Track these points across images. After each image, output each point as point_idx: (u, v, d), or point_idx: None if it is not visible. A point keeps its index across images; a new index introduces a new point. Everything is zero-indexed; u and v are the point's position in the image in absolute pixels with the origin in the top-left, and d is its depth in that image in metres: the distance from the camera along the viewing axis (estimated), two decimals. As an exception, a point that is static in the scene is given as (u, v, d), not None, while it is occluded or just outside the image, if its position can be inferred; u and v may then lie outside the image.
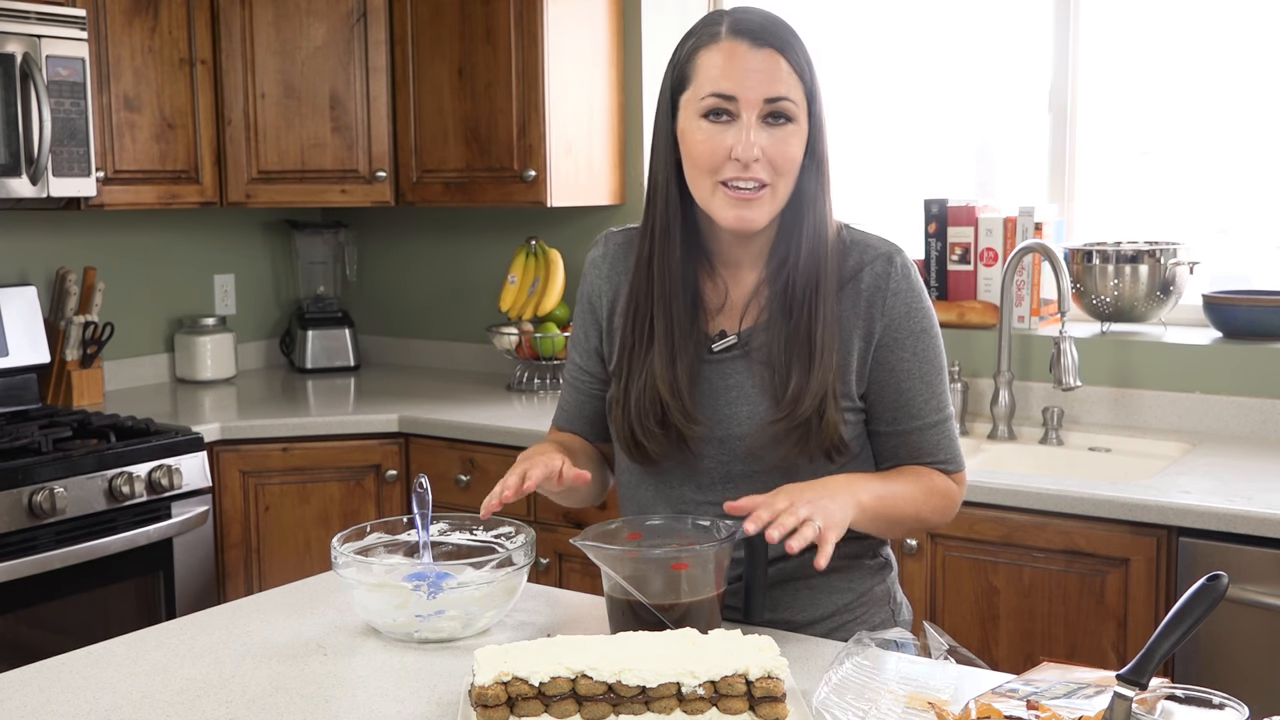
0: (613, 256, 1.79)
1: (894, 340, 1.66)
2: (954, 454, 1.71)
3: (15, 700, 1.47)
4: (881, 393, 1.67)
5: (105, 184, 3.27)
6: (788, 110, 1.58)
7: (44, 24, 3.01)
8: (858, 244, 1.68)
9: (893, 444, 1.70)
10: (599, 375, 1.81)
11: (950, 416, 1.71)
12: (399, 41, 3.59)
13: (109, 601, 2.90)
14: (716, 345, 1.69)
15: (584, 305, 1.82)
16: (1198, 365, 2.92)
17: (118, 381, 3.71)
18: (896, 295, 1.65)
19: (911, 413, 1.68)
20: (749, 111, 1.57)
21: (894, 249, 1.68)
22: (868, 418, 1.70)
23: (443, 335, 4.10)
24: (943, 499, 1.70)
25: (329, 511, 3.27)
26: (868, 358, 1.66)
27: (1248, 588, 2.25)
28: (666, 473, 1.72)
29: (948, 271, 3.22)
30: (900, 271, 1.66)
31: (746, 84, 1.57)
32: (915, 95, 3.50)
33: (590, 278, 1.81)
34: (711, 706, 1.32)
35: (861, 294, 1.65)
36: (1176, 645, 1.23)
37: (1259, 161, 3.11)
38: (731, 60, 1.58)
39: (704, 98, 1.58)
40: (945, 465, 1.71)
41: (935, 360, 1.69)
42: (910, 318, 1.66)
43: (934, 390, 1.68)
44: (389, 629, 1.63)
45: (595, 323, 1.80)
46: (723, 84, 1.57)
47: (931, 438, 1.69)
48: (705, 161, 1.59)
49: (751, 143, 1.56)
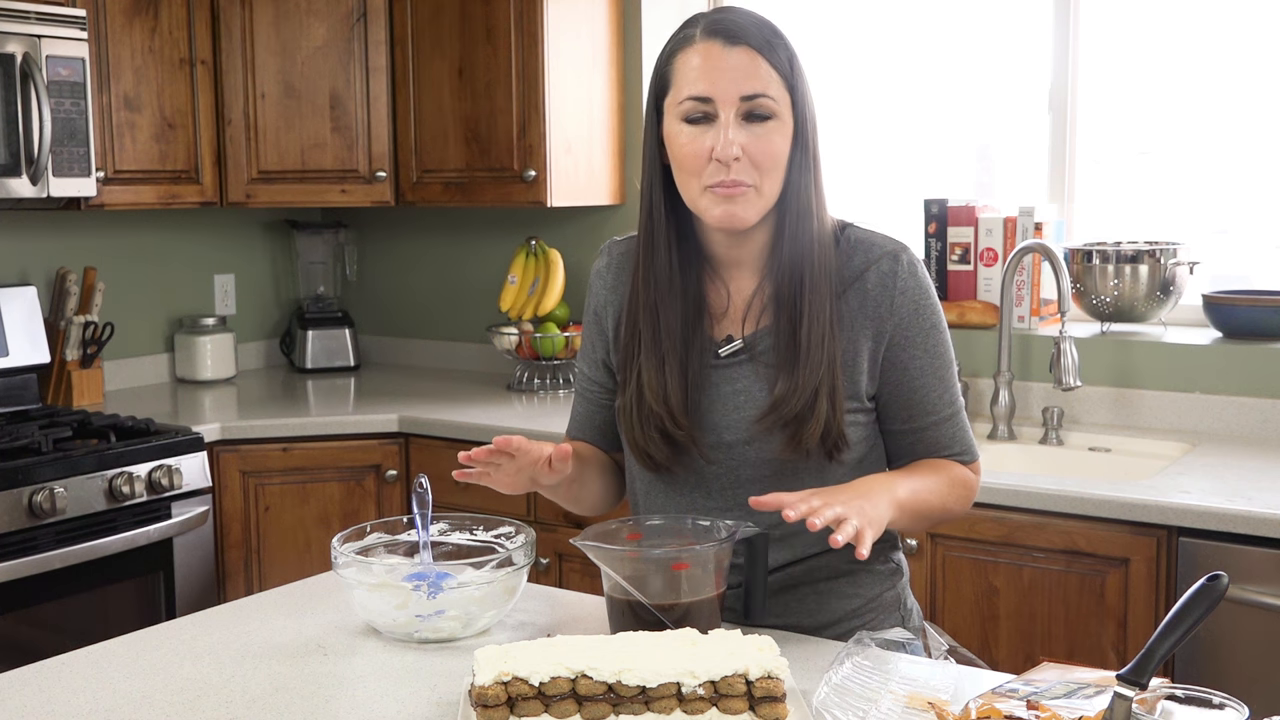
0: (616, 266, 1.78)
1: (905, 339, 1.66)
2: (969, 444, 1.72)
3: (15, 700, 1.47)
4: (895, 391, 1.67)
5: (105, 184, 3.27)
6: (767, 107, 1.57)
7: (44, 24, 3.01)
8: (862, 243, 1.67)
9: (909, 441, 1.70)
10: (607, 385, 1.81)
11: (962, 408, 1.72)
12: (399, 41, 3.59)
13: (109, 601, 2.90)
14: (723, 350, 1.68)
15: (590, 317, 1.82)
16: (1198, 365, 2.92)
17: (118, 381, 3.71)
18: (904, 294, 1.65)
19: (926, 409, 1.68)
20: (726, 110, 1.57)
21: (899, 247, 1.67)
22: (881, 417, 1.70)
23: (443, 335, 4.10)
24: (965, 489, 1.71)
25: (329, 511, 3.27)
26: (879, 358, 1.66)
27: (1248, 588, 2.25)
28: (677, 479, 1.71)
29: (948, 271, 3.22)
30: (907, 269, 1.65)
31: (722, 83, 1.56)
32: (915, 95, 3.50)
33: (595, 289, 1.81)
34: (711, 706, 1.32)
35: (869, 294, 1.65)
36: (1176, 645, 1.23)
37: (1259, 161, 3.11)
38: (706, 61, 1.57)
39: (682, 101, 1.59)
40: (962, 456, 1.71)
41: (945, 355, 1.69)
42: (920, 315, 1.66)
43: (946, 385, 1.69)
44: (389, 629, 1.63)
45: (601, 334, 1.79)
46: (699, 85, 1.57)
47: (947, 431, 1.70)
48: (689, 164, 1.59)
49: (730, 140, 1.56)
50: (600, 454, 1.84)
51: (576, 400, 1.87)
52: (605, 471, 1.83)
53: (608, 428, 1.83)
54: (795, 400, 1.60)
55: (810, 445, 1.62)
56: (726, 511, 1.68)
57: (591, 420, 1.84)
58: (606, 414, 1.82)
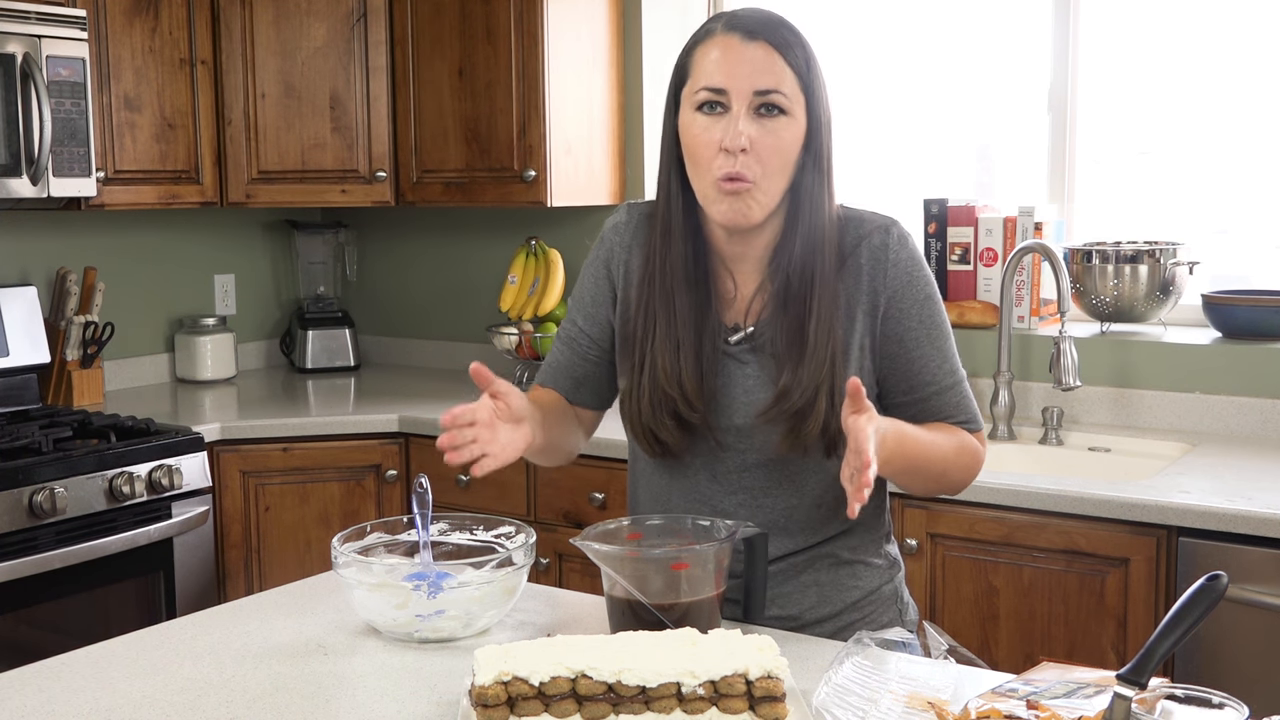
0: (635, 227, 1.78)
1: (899, 310, 1.67)
2: (973, 413, 1.72)
3: (15, 700, 1.47)
4: (894, 364, 1.68)
5: (105, 184, 3.26)
6: (779, 103, 1.59)
7: (44, 24, 3.01)
8: (853, 220, 1.70)
9: (912, 414, 1.70)
10: (600, 342, 1.79)
11: (964, 378, 1.72)
12: (399, 41, 3.59)
13: (109, 601, 2.90)
14: (732, 338, 1.70)
15: (599, 268, 1.80)
16: (1198, 365, 2.92)
17: (118, 381, 3.71)
18: (897, 265, 1.67)
19: (926, 379, 1.69)
20: (739, 103, 1.58)
21: (889, 220, 1.70)
22: (882, 392, 1.71)
23: (443, 335, 4.10)
24: (971, 457, 1.71)
25: (329, 511, 3.27)
26: (876, 332, 1.67)
27: (1248, 588, 2.25)
28: (684, 464, 1.72)
29: (948, 271, 3.22)
30: (898, 241, 1.68)
31: (737, 75, 1.58)
32: (915, 95, 3.50)
33: (610, 242, 1.79)
34: (711, 706, 1.32)
35: (863, 269, 1.67)
36: (1176, 645, 1.23)
37: (1259, 161, 3.11)
38: (725, 53, 1.60)
39: (698, 91, 1.61)
40: (968, 424, 1.71)
41: (942, 325, 1.70)
42: (913, 285, 1.67)
43: (945, 354, 1.70)
44: (389, 629, 1.63)
45: (610, 288, 1.78)
46: (715, 77, 1.59)
47: (950, 399, 1.70)
48: (699, 153, 1.61)
49: (739, 131, 1.57)
50: (565, 405, 1.81)
51: (558, 347, 1.83)
52: (568, 423, 1.80)
53: (585, 381, 1.80)
54: (798, 395, 1.62)
55: (809, 441, 1.64)
56: (732, 495, 1.70)
57: (570, 370, 1.81)
58: (589, 368, 1.80)
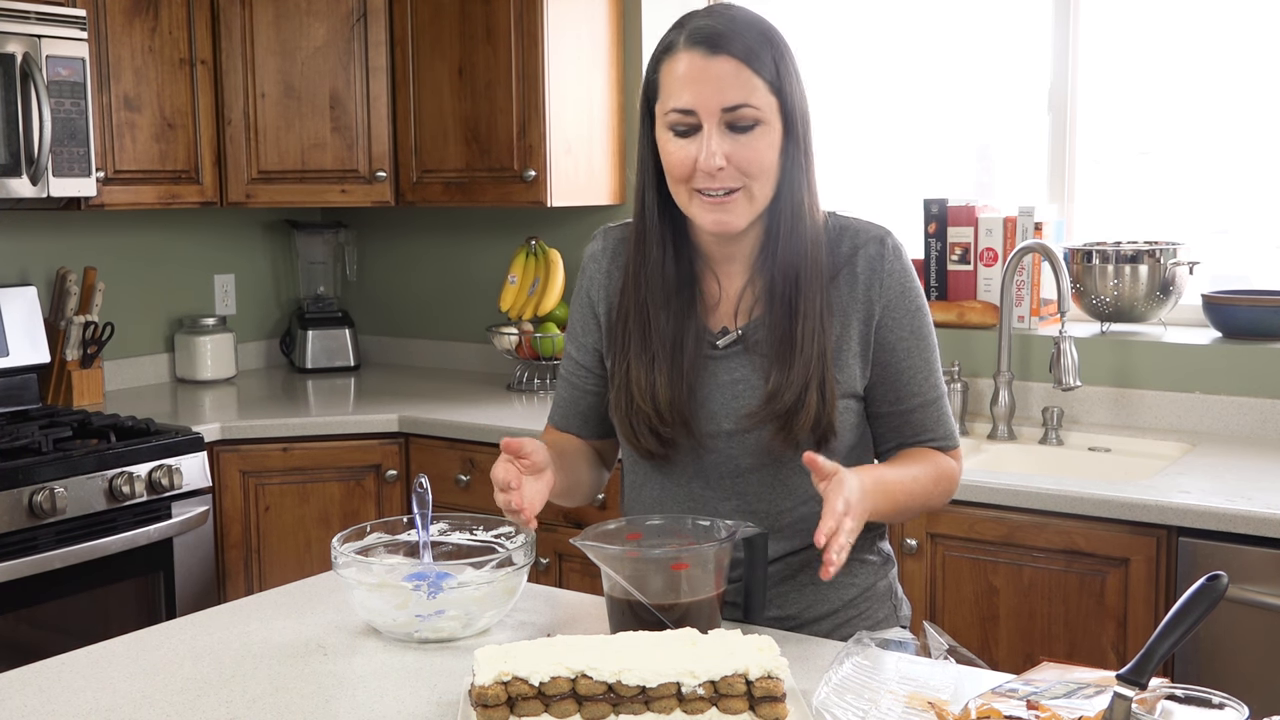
0: (612, 251, 1.80)
1: (892, 320, 1.68)
2: (952, 429, 1.75)
3: (15, 700, 1.47)
4: (883, 373, 1.70)
5: (105, 184, 3.27)
6: (750, 117, 1.58)
7: (44, 24, 3.01)
8: (848, 229, 1.70)
9: (895, 424, 1.72)
10: (595, 371, 1.81)
11: (945, 394, 1.75)
12: (399, 41, 3.59)
13: (109, 601, 2.90)
14: (720, 341, 1.70)
15: (582, 301, 1.82)
16: (1198, 365, 2.91)
17: (118, 381, 3.71)
18: (891, 275, 1.68)
19: (912, 390, 1.70)
20: (709, 121, 1.58)
21: (884, 231, 1.71)
22: (868, 399, 1.72)
23: (443, 335, 4.10)
24: (950, 482, 1.74)
25: (329, 511, 3.27)
26: (870, 340, 1.68)
27: (1248, 588, 2.25)
28: (676, 468, 1.73)
29: (947, 271, 3.22)
30: (893, 253, 1.69)
31: (704, 95, 1.57)
32: (916, 95, 3.50)
33: (590, 272, 1.82)
34: (711, 706, 1.32)
35: (858, 278, 1.68)
36: (1176, 645, 1.23)
37: (1259, 161, 3.11)
38: (689, 71, 1.58)
39: (668, 112, 1.61)
40: (945, 441, 1.74)
41: (930, 338, 1.72)
42: (905, 296, 1.69)
43: (931, 367, 1.72)
44: (389, 629, 1.63)
45: (594, 319, 1.80)
46: (682, 98, 1.59)
47: (931, 414, 1.72)
48: (676, 172, 1.62)
49: (713, 152, 1.57)
50: (583, 445, 1.84)
51: (560, 386, 1.86)
52: (588, 464, 1.83)
53: (591, 414, 1.83)
54: (787, 394, 1.63)
55: (801, 436, 1.64)
56: (724, 500, 1.70)
57: (575, 406, 1.84)
58: (592, 400, 1.82)
